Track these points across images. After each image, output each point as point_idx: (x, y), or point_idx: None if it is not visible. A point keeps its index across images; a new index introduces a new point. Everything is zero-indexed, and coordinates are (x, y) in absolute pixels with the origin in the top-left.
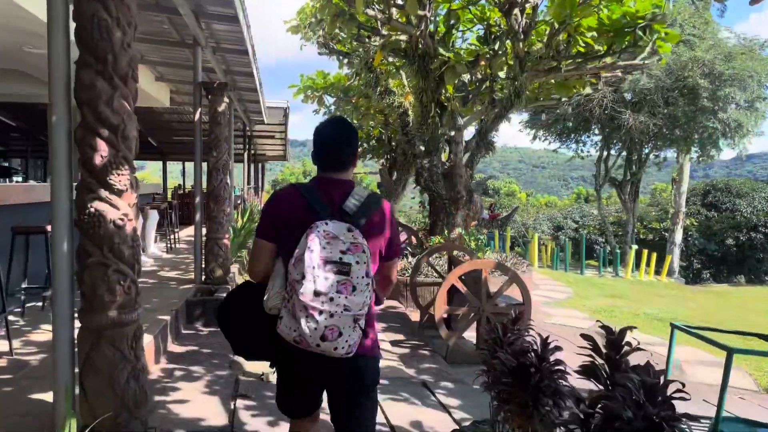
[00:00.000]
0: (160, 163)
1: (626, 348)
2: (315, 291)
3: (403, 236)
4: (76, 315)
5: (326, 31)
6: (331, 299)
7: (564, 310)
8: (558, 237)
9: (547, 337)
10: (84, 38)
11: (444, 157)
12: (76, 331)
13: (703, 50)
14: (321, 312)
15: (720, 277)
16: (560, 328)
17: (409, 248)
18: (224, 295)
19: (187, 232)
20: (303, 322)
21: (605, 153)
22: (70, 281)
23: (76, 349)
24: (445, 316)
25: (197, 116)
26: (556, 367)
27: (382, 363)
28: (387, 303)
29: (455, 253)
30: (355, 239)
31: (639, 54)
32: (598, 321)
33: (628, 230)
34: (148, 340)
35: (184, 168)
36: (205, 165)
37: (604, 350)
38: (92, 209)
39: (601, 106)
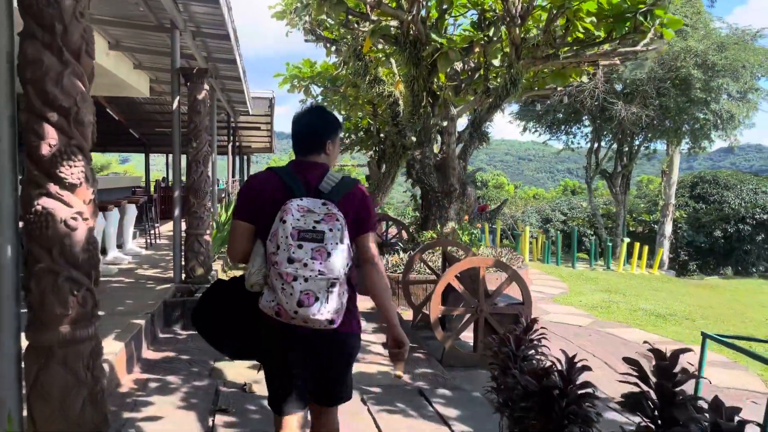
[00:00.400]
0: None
1: (680, 376)
2: (289, 258)
3: (393, 231)
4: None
5: (312, 17)
6: (305, 265)
7: (560, 307)
8: (548, 230)
9: (574, 356)
10: (27, 4)
11: (435, 148)
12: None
13: (695, 40)
14: (296, 278)
15: (707, 269)
16: (558, 327)
17: (400, 243)
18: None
19: (169, 227)
20: (279, 290)
21: (596, 145)
22: (16, 291)
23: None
24: (440, 316)
25: (175, 104)
26: (585, 391)
27: (374, 368)
28: None
29: (449, 249)
30: (329, 211)
31: (640, 40)
32: (645, 342)
33: (619, 222)
34: (118, 347)
35: (167, 160)
36: (184, 157)
37: (652, 378)
38: (39, 207)
39: (593, 97)
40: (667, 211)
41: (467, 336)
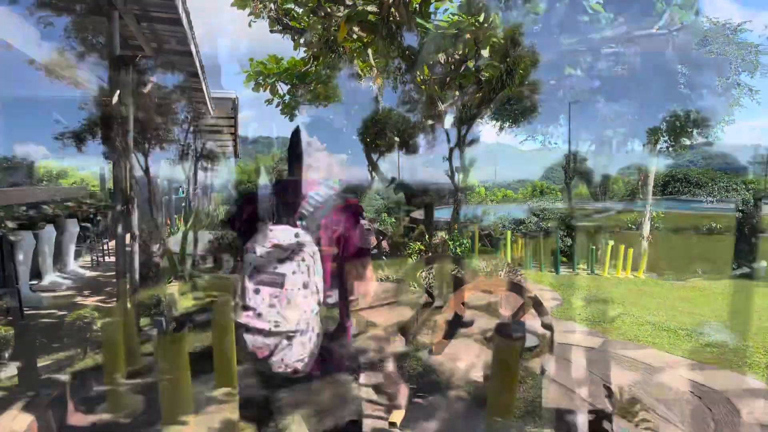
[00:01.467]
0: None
1: None
2: (244, 306)
3: (372, 240)
4: None
5: (279, 4)
6: (260, 315)
7: (561, 323)
8: (525, 233)
9: None
10: None
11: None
12: None
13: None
14: (248, 329)
15: (678, 268)
16: (569, 350)
17: (384, 257)
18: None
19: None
20: (242, 338)
21: (574, 144)
22: None
23: None
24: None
25: (115, 99)
26: None
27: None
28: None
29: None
30: (299, 246)
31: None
32: None
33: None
34: (26, 422)
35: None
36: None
37: None
38: None
39: (572, 93)
40: (645, 210)
41: None
